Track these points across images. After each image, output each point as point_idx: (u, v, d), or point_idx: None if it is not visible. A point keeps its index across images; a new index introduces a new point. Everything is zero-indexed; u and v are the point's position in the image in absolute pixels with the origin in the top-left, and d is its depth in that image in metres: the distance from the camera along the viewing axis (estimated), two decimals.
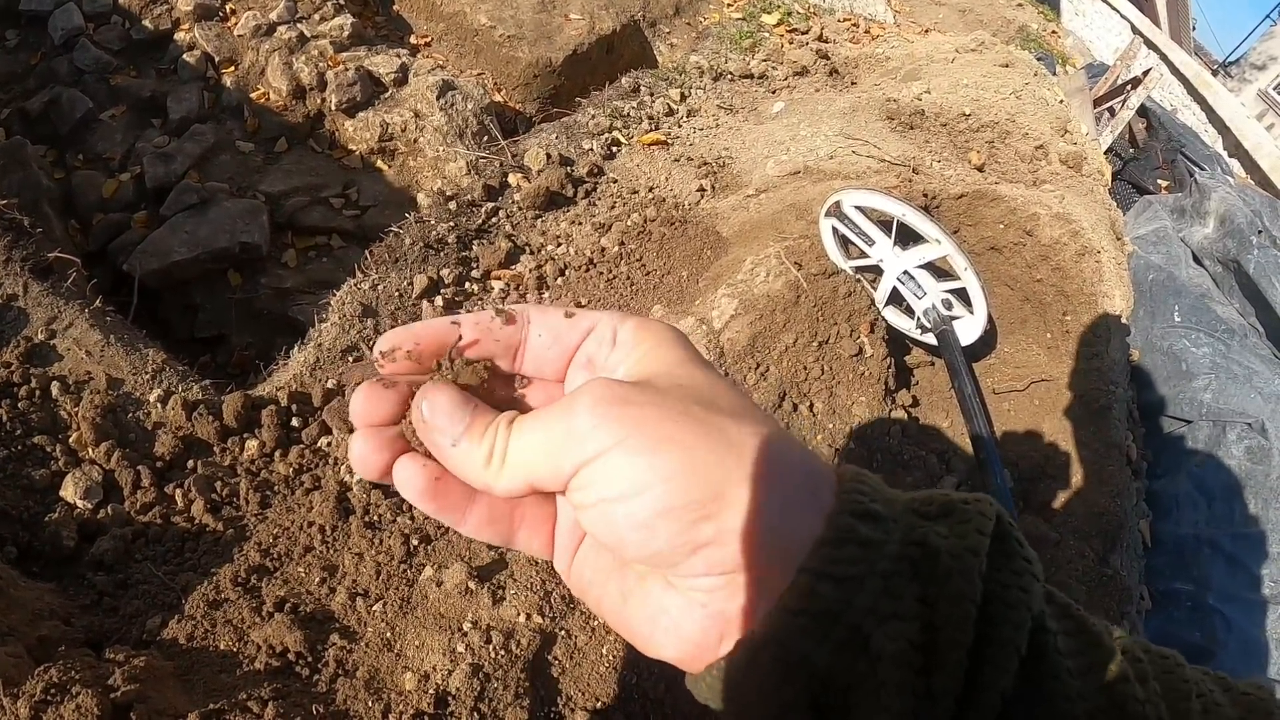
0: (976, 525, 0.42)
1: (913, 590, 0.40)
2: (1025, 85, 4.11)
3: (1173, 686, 0.44)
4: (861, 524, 0.42)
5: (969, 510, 0.43)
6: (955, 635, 0.39)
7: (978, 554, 0.41)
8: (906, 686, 0.38)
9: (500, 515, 0.52)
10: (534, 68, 4.19)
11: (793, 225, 2.81)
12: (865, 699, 0.39)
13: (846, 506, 0.43)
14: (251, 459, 2.05)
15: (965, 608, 0.39)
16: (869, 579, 0.40)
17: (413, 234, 2.63)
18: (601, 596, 0.49)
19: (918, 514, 0.44)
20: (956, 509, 0.43)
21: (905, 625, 0.39)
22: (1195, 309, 3.58)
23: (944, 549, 0.41)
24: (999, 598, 0.41)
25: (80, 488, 1.89)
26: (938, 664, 0.39)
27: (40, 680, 1.38)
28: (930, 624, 0.39)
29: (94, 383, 2.09)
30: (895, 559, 0.41)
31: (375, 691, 1.58)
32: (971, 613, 0.39)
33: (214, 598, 1.74)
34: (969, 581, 0.40)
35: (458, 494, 0.50)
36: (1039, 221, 3.13)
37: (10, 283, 2.20)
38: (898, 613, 0.39)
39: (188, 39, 3.73)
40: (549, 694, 1.63)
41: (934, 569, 0.40)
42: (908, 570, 0.40)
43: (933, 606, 0.40)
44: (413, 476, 0.49)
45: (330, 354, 2.30)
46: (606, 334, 0.49)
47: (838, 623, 0.40)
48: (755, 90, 3.83)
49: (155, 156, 3.36)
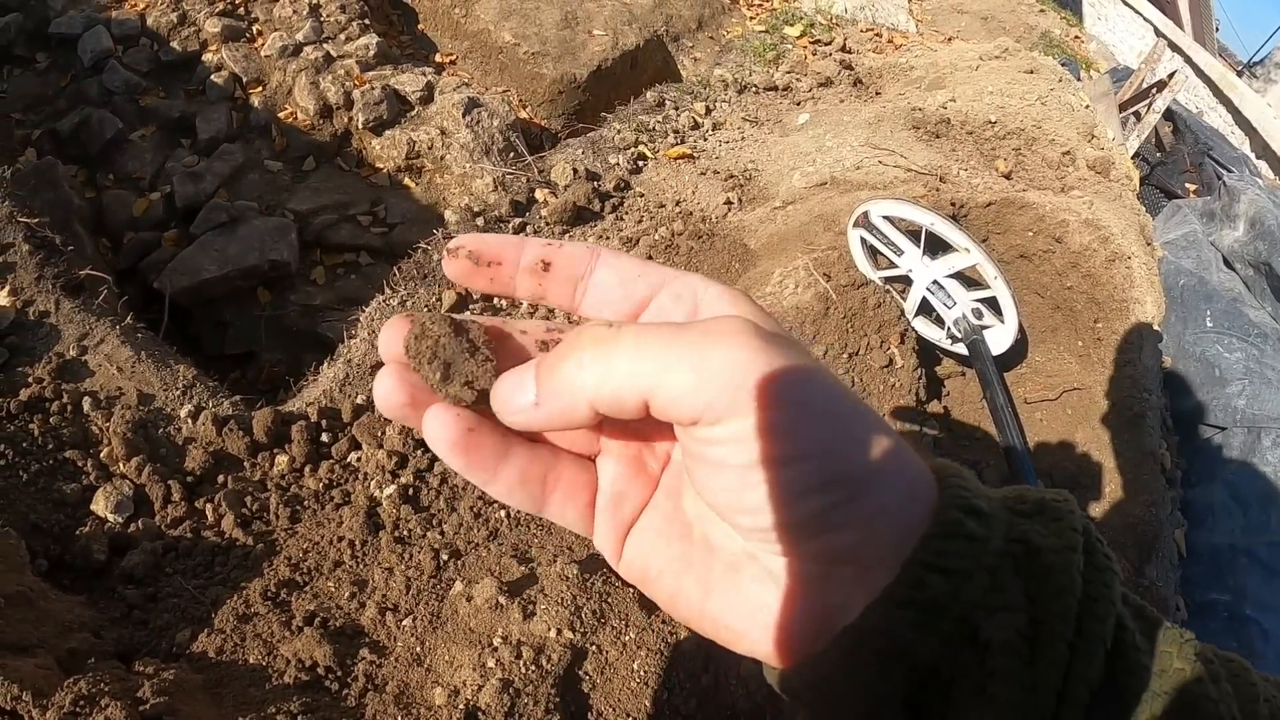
0: (1070, 523, 0.42)
1: (1017, 585, 0.39)
2: (1050, 91, 4.08)
3: (1242, 689, 0.43)
4: (967, 519, 0.40)
5: (1061, 508, 0.43)
6: (1059, 628, 0.39)
7: (1076, 551, 0.41)
8: (1014, 676, 0.38)
9: (533, 478, 0.46)
10: (559, 84, 4.21)
11: (821, 236, 2.79)
12: (969, 691, 0.38)
13: (951, 501, 0.41)
14: (281, 474, 2.05)
15: (1068, 602, 0.39)
16: (977, 573, 0.39)
17: (441, 250, 2.64)
18: (676, 590, 0.45)
19: (1014, 511, 0.43)
20: (1049, 507, 0.43)
21: (1013, 616, 0.39)
22: (1227, 314, 3.52)
23: (1045, 546, 0.40)
24: (1087, 594, 0.40)
25: (111, 502, 1.90)
26: (1041, 656, 0.38)
27: (69, 692, 1.39)
28: (1034, 618, 0.39)
29: (125, 398, 2.11)
30: (1000, 554, 0.40)
31: (405, 706, 1.57)
32: (1073, 607, 0.39)
33: (243, 611, 1.74)
34: (1070, 578, 0.40)
35: (490, 449, 0.45)
36: (1068, 228, 3.09)
37: (42, 299, 2.23)
38: (1006, 605, 0.39)
39: (215, 60, 3.77)
40: (579, 710, 1.61)
41: (1036, 565, 0.40)
42: (1011, 565, 0.40)
43: (1035, 601, 0.39)
44: (443, 426, 0.44)
45: (360, 370, 2.30)
46: (685, 293, 0.45)
47: (946, 615, 0.39)
48: (780, 102, 3.82)
49: (184, 176, 3.40)
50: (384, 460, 2.04)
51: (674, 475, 0.47)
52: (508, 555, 1.82)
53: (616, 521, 0.47)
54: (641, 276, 0.45)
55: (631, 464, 0.48)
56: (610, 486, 0.47)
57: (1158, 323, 3.11)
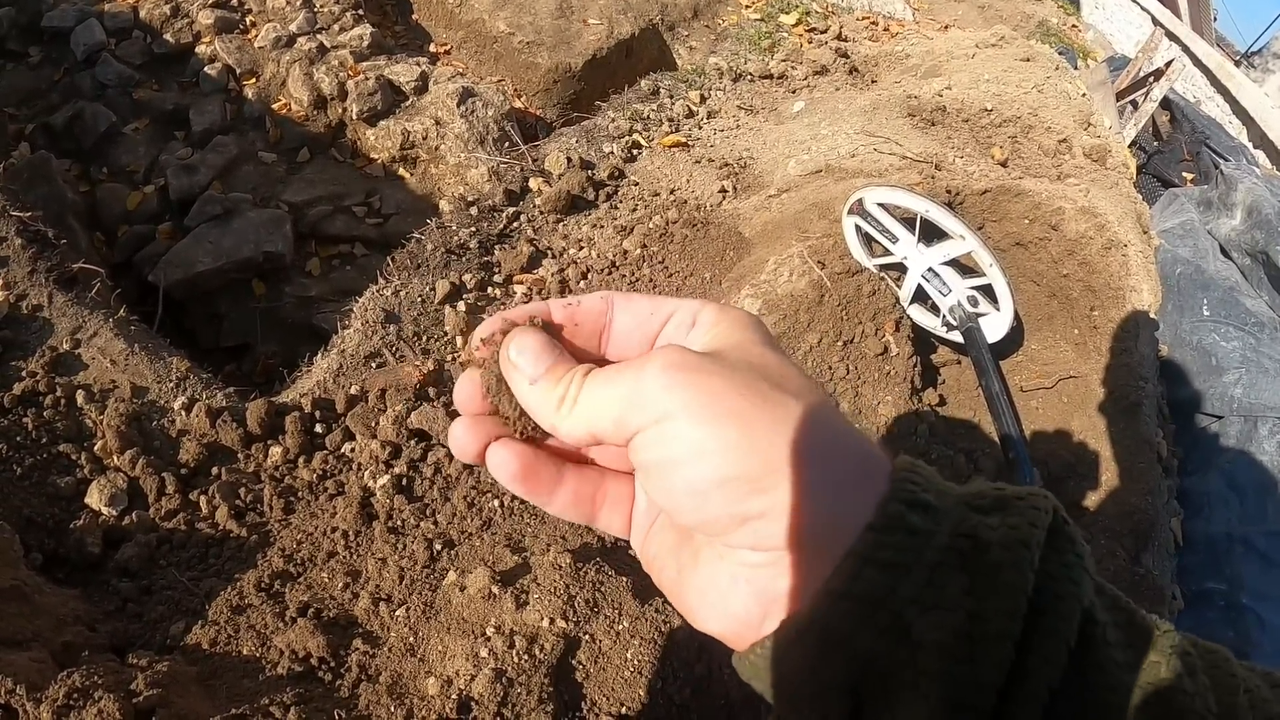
0: (1030, 519, 0.42)
1: (960, 582, 0.40)
2: (1047, 79, 4.07)
3: (1221, 681, 0.43)
4: (911, 512, 0.42)
5: (1022, 505, 0.43)
6: (1002, 626, 0.39)
7: (1029, 547, 0.41)
8: (947, 676, 0.38)
9: (584, 497, 0.54)
10: (553, 73, 4.20)
11: (815, 224, 2.79)
12: (905, 686, 0.39)
13: (898, 494, 0.43)
14: (275, 465, 2.05)
15: (1015, 600, 0.39)
16: (915, 568, 0.40)
17: (434, 240, 2.64)
18: (663, 570, 0.52)
19: (970, 507, 0.43)
20: (1010, 504, 0.43)
21: (948, 615, 0.39)
22: (1224, 302, 3.51)
23: (995, 541, 0.41)
24: (1049, 590, 0.40)
25: (105, 495, 1.90)
26: (981, 655, 0.38)
27: (63, 685, 1.39)
28: (977, 615, 0.39)
29: (118, 391, 2.10)
30: (943, 549, 0.41)
31: (398, 697, 1.57)
32: (1021, 605, 0.39)
33: (237, 603, 1.74)
34: (1020, 574, 0.40)
35: (547, 477, 0.53)
36: (1064, 216, 3.08)
37: (35, 293, 2.23)
38: (940, 603, 0.39)
39: (209, 52, 3.76)
40: (573, 699, 1.61)
41: (983, 561, 0.40)
42: (955, 561, 0.40)
43: (981, 598, 0.39)
44: (506, 461, 0.52)
45: (353, 360, 2.30)
46: (687, 318, 0.51)
47: (881, 608, 0.40)
48: (775, 90, 3.81)
49: (179, 168, 3.39)
50: (378, 450, 2.04)
51: None
52: (501, 545, 1.82)
53: (645, 522, 0.54)
54: (653, 314, 0.52)
55: None
56: (645, 500, 0.55)
57: (1154, 311, 3.11)
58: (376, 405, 2.16)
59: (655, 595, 1.74)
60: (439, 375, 2.26)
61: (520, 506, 1.94)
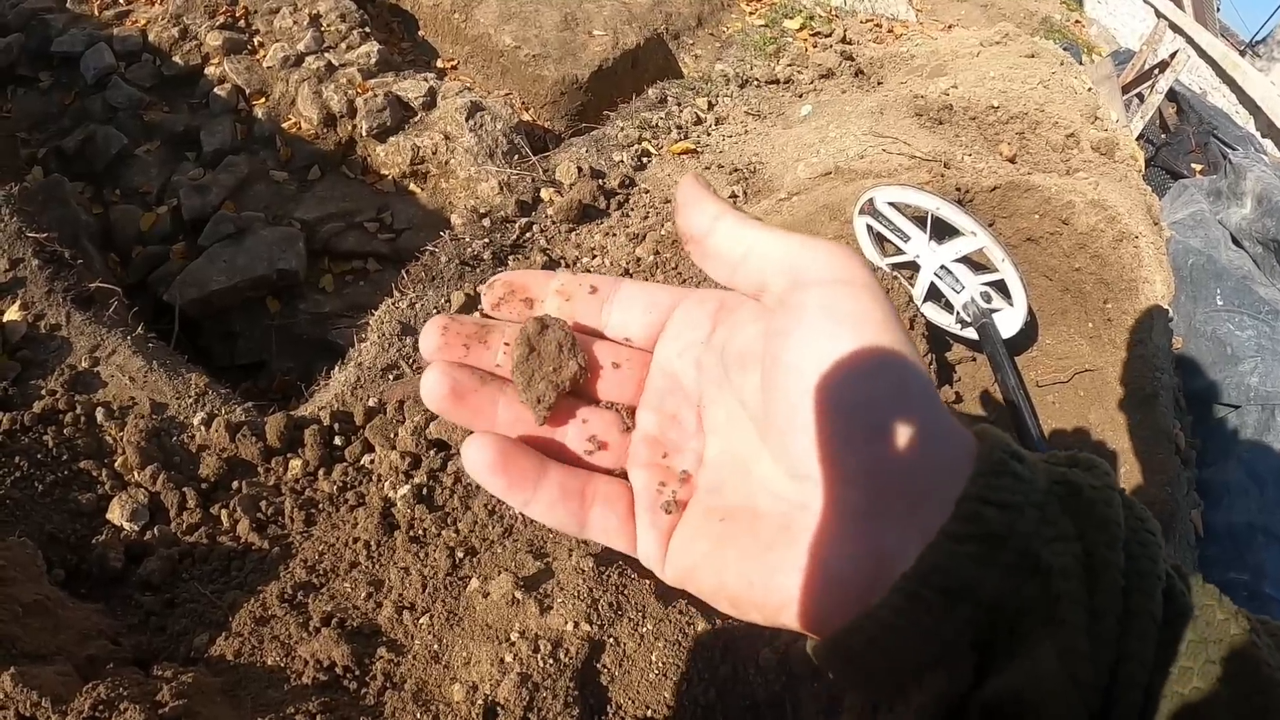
0: (1104, 469, 0.43)
1: (1066, 519, 0.40)
2: (1052, 74, 4.06)
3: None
4: (1012, 461, 0.41)
5: (1094, 459, 0.44)
6: (1109, 556, 0.39)
7: (1115, 490, 0.42)
8: (1079, 600, 0.38)
9: (572, 492, 0.49)
10: (560, 85, 4.22)
11: (827, 226, 2.79)
12: (1037, 621, 0.38)
13: (995, 445, 0.42)
14: (295, 478, 2.06)
15: (1114, 531, 0.40)
16: (1028, 508, 0.40)
17: (448, 252, 2.65)
18: (721, 578, 0.46)
19: (1050, 462, 0.44)
20: (1081, 459, 0.44)
21: (1069, 545, 0.39)
22: (1238, 291, 3.49)
23: (1086, 484, 0.42)
24: (1133, 530, 0.41)
25: (127, 510, 1.91)
26: (1099, 583, 0.39)
27: (88, 697, 1.39)
28: (1086, 549, 0.40)
29: (138, 408, 2.12)
30: (1045, 492, 0.41)
31: (424, 704, 1.57)
32: (1120, 535, 0.40)
33: (261, 614, 1.74)
34: (1114, 511, 0.41)
35: (529, 470, 0.49)
36: (1074, 209, 3.07)
37: (53, 313, 2.25)
38: (1060, 535, 0.40)
39: (218, 73, 3.80)
40: (598, 702, 1.61)
41: (1080, 501, 0.41)
42: (1057, 504, 0.41)
43: (1085, 534, 0.40)
44: (480, 452, 0.48)
45: (370, 373, 2.31)
46: (710, 298, 0.50)
47: (1005, 546, 0.39)
48: (782, 95, 3.82)
49: (191, 189, 3.41)
50: (397, 461, 2.05)
51: (715, 470, 0.49)
52: (523, 551, 1.82)
53: (659, 528, 0.49)
54: (667, 294, 0.51)
55: (659, 470, 0.50)
56: (646, 490, 0.50)
57: (1167, 302, 3.09)
58: (395, 417, 2.17)
59: (678, 597, 1.74)
60: None
61: None
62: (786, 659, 1.76)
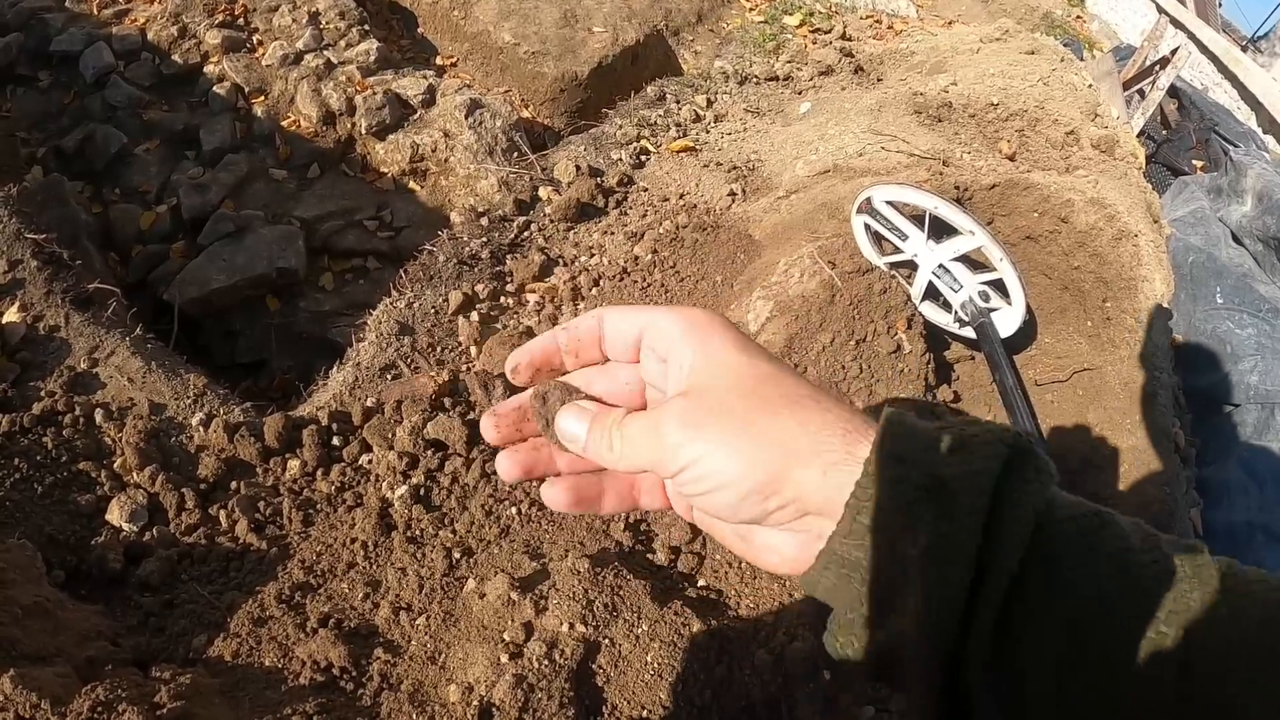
0: (984, 454, 0.54)
1: (930, 511, 0.53)
2: (1052, 71, 4.05)
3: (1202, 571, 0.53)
4: (886, 466, 0.54)
5: (978, 443, 0.55)
6: (963, 539, 0.52)
7: (982, 476, 0.53)
8: (927, 578, 0.52)
9: (624, 494, 0.72)
10: (560, 82, 4.21)
11: (825, 225, 2.79)
12: (902, 593, 0.53)
13: (880, 450, 0.55)
14: (294, 478, 2.06)
15: (972, 519, 0.52)
16: (896, 510, 0.53)
17: (446, 251, 2.65)
18: (724, 536, 0.67)
19: (936, 451, 0.56)
20: (969, 444, 0.55)
21: (921, 536, 0.52)
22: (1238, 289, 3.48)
23: (951, 477, 0.54)
24: (1007, 506, 0.53)
25: (125, 511, 1.92)
26: (950, 561, 0.52)
27: (87, 699, 1.40)
28: (945, 534, 0.52)
29: (136, 408, 2.12)
30: (916, 489, 0.53)
31: (420, 705, 1.58)
32: (977, 522, 0.52)
33: (259, 615, 1.75)
34: (974, 499, 0.53)
35: (593, 494, 0.71)
36: (1074, 208, 3.07)
37: (52, 314, 2.25)
38: (916, 528, 0.53)
39: (217, 71, 3.79)
40: (594, 703, 1.61)
41: (944, 493, 0.53)
42: (925, 497, 0.53)
43: (947, 521, 0.53)
44: (558, 495, 0.70)
45: (369, 373, 2.31)
46: (658, 347, 0.65)
47: (875, 537, 0.54)
48: (781, 92, 3.81)
49: (190, 187, 3.42)
50: (395, 461, 2.05)
51: None
52: (519, 552, 1.83)
53: (684, 503, 0.69)
54: (630, 325, 0.66)
55: None
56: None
57: (1167, 300, 3.08)
58: (393, 417, 2.17)
59: (674, 598, 1.74)
60: (454, 386, 2.27)
61: (538, 514, 1.94)
62: (782, 659, 1.77)
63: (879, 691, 1.90)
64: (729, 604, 1.83)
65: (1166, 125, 6.26)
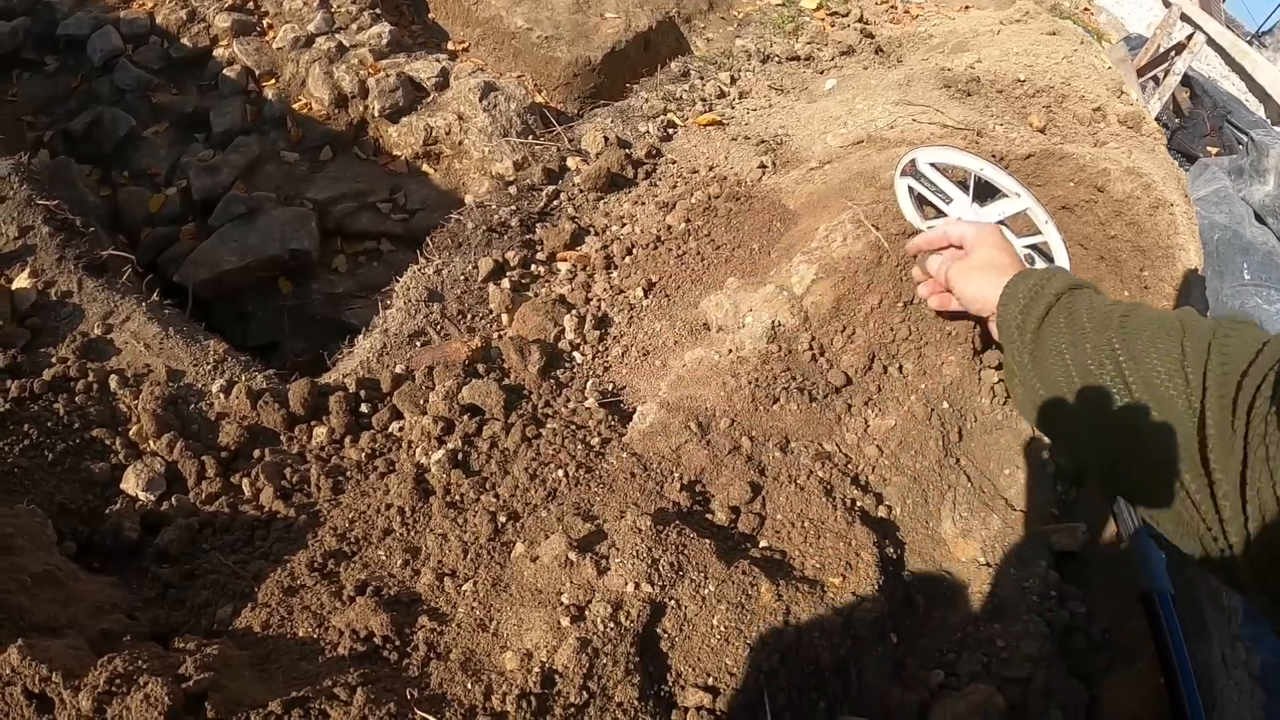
0: (1056, 277, 1.37)
1: (1027, 288, 1.39)
2: (1074, 51, 3.98)
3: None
4: (1021, 279, 1.41)
5: (1044, 288, 1.36)
6: (1048, 295, 1.34)
7: (1053, 281, 1.36)
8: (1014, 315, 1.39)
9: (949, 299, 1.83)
10: (574, 67, 4.12)
11: (862, 193, 2.68)
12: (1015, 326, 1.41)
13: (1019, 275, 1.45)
14: (321, 445, 1.94)
15: (1050, 287, 1.36)
16: (1024, 289, 1.38)
17: (474, 219, 2.54)
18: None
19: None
20: (1057, 272, 1.42)
21: (1022, 297, 1.38)
22: (1264, 266, 3.41)
23: (1046, 279, 1.38)
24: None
25: (142, 480, 1.79)
26: (1030, 309, 1.35)
27: (104, 670, 1.26)
28: (1037, 288, 1.36)
29: (154, 375, 2.01)
30: (1032, 280, 1.40)
31: (473, 673, 1.45)
32: (1051, 295, 1.33)
33: (289, 584, 1.62)
34: (1048, 290, 1.35)
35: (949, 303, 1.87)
36: (1109, 177, 2.98)
37: (64, 280, 2.14)
38: (1029, 296, 1.37)
39: (227, 54, 3.70)
40: (658, 670, 1.49)
41: (1037, 276, 1.40)
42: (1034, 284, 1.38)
43: (1042, 286, 1.36)
44: (931, 301, 1.96)
45: (397, 339, 2.20)
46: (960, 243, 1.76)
47: (1009, 296, 1.41)
48: (803, 71, 3.73)
49: (201, 169, 3.31)
50: (429, 426, 1.93)
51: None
52: (570, 514, 1.70)
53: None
54: (959, 230, 1.80)
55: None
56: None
57: (1201, 270, 3.00)
58: (424, 383, 2.05)
59: (739, 557, 1.62)
60: (486, 352, 2.15)
61: (586, 476, 1.82)
62: (850, 622, 1.65)
63: (946, 656, 1.79)
64: (794, 565, 1.70)
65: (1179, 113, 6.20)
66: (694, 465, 1.86)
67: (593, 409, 2.05)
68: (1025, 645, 1.79)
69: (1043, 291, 1.33)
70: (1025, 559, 2.04)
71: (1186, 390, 1.00)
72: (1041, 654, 1.78)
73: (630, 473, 1.82)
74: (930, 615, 1.89)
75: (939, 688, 1.70)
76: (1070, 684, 1.80)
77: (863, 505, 1.92)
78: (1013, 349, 1.37)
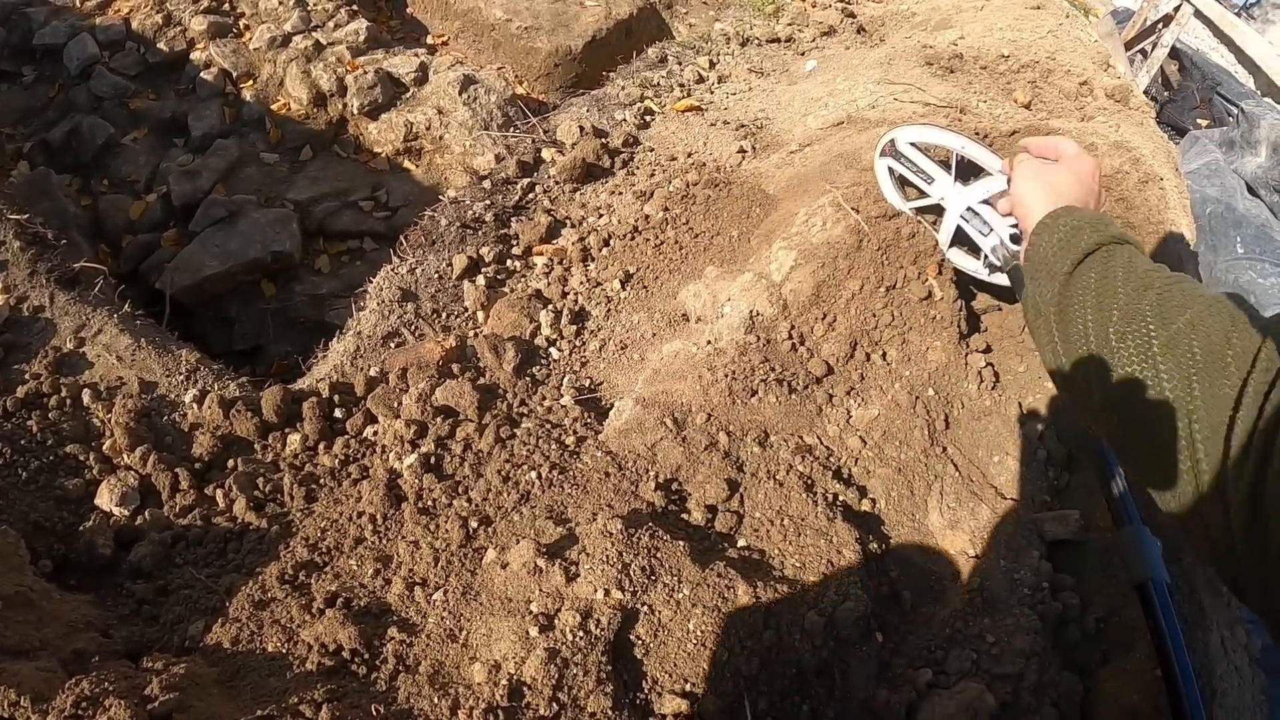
0: (1106, 234, 1.26)
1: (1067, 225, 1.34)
2: (1060, 25, 3.93)
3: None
4: (1064, 215, 1.37)
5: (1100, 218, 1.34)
6: (1079, 245, 1.27)
7: (1102, 225, 1.29)
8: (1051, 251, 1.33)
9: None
10: (554, 57, 4.08)
11: (843, 175, 2.64)
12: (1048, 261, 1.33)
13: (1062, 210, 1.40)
14: (294, 453, 1.93)
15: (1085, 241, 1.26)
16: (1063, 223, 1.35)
17: (448, 215, 2.51)
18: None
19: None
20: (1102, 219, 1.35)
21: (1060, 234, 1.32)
22: (1258, 239, 3.36)
23: (1089, 221, 1.32)
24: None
25: (116, 494, 1.78)
26: (1069, 250, 1.28)
27: (70, 694, 1.26)
28: (1074, 227, 1.31)
29: (126, 387, 1.99)
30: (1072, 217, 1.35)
31: (441, 687, 1.44)
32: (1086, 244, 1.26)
33: (260, 598, 1.61)
34: (1094, 233, 1.27)
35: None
36: (1097, 151, 2.92)
37: (36, 295, 2.12)
38: (1065, 231, 1.32)
39: (204, 57, 3.67)
40: (633, 678, 1.47)
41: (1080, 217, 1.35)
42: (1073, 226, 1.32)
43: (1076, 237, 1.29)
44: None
45: (371, 342, 2.18)
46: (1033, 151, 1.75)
47: (1046, 229, 1.37)
48: (784, 53, 3.67)
49: (180, 174, 3.29)
50: (402, 430, 1.91)
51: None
52: (542, 517, 1.69)
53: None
54: (1041, 145, 1.77)
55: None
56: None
57: (1193, 244, 2.96)
58: (398, 385, 2.03)
59: (715, 559, 1.60)
60: (462, 351, 2.13)
61: (560, 477, 1.80)
62: (833, 622, 1.63)
63: (934, 653, 1.76)
64: (773, 565, 1.68)
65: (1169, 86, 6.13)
66: (669, 463, 1.83)
67: (569, 406, 2.03)
68: (1016, 640, 1.76)
69: (1081, 235, 1.25)
70: (1016, 549, 2.01)
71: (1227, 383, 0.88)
72: (1033, 649, 1.75)
73: (605, 472, 1.80)
74: (918, 611, 1.86)
75: (927, 687, 1.67)
76: (1064, 678, 1.76)
77: (845, 500, 1.89)
78: (1038, 284, 1.29)
